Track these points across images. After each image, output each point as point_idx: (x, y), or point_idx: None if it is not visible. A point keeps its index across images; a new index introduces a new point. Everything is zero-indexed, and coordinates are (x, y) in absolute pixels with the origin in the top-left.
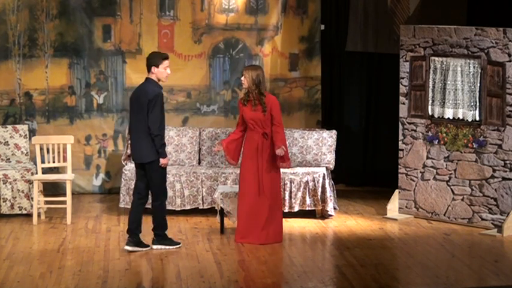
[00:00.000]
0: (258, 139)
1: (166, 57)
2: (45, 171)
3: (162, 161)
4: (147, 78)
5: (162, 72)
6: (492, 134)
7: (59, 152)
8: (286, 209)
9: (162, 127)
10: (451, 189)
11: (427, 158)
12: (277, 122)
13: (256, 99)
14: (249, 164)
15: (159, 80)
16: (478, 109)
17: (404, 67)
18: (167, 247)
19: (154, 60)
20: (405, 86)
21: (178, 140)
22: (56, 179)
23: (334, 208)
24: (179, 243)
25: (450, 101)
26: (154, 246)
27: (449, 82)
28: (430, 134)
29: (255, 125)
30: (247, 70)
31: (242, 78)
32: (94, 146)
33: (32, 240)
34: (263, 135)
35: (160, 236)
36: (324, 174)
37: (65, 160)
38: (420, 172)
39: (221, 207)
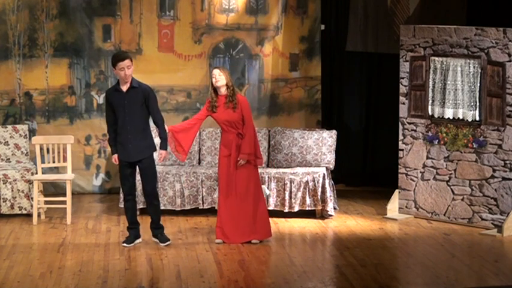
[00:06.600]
0: (234, 139)
1: (121, 59)
2: (45, 171)
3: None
4: None
5: (119, 72)
6: (492, 134)
7: (59, 152)
8: (286, 209)
9: (107, 126)
10: (451, 189)
11: (427, 158)
12: (246, 123)
13: (230, 96)
14: (227, 164)
15: (124, 80)
16: (478, 109)
17: (404, 67)
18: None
19: (111, 61)
20: (405, 86)
21: None
22: (56, 179)
23: (334, 208)
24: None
25: (450, 101)
26: None
27: (449, 82)
28: (430, 134)
29: (229, 126)
30: (221, 68)
31: (218, 76)
32: (94, 146)
33: (32, 240)
34: (238, 136)
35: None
36: (324, 174)
37: (65, 160)
38: (420, 172)
39: None
